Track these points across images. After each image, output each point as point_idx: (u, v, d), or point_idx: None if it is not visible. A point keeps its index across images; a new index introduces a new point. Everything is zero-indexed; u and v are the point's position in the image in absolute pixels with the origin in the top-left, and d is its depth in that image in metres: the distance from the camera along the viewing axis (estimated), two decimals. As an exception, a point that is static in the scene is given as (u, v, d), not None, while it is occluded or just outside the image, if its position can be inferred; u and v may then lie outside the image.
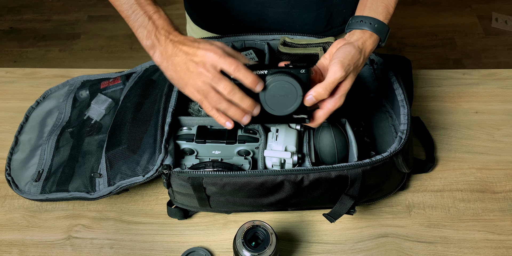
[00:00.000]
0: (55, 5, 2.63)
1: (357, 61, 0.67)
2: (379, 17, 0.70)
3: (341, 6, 0.95)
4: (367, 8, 0.71)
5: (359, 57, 0.68)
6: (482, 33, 2.37)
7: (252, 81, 0.63)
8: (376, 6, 0.70)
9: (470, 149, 0.93)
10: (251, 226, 0.70)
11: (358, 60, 0.67)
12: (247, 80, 0.63)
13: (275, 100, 0.66)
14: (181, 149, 0.79)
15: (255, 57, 0.90)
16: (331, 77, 0.65)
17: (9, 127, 1.00)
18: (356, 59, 0.67)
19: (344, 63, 0.65)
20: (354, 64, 0.67)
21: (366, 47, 0.70)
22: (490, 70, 1.08)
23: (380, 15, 0.70)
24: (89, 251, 0.80)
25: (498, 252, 0.79)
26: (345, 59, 0.66)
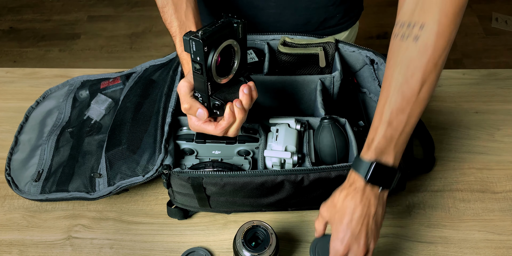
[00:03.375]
0: (55, 5, 2.63)
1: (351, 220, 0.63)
2: (361, 153, 0.64)
3: (335, 10, 0.95)
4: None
5: (338, 194, 0.65)
6: (482, 33, 2.37)
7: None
8: (365, 141, 0.67)
9: (470, 149, 0.93)
10: (251, 226, 0.70)
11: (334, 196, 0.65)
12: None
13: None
14: (181, 149, 0.79)
15: (255, 57, 0.90)
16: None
17: (9, 127, 1.00)
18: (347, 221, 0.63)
19: (336, 240, 0.63)
20: (353, 225, 0.63)
21: (348, 181, 0.65)
22: (490, 70, 1.08)
23: (362, 151, 0.64)
24: (89, 251, 0.80)
25: (498, 252, 0.79)
26: (335, 235, 0.63)
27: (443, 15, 0.58)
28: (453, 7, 0.58)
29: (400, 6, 0.63)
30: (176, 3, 0.72)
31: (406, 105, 0.61)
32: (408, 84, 0.61)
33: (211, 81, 0.62)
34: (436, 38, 0.59)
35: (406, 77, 0.61)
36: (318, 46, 0.86)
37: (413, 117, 0.62)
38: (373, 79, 0.87)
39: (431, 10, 0.59)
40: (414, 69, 0.60)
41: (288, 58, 0.86)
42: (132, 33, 2.44)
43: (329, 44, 0.86)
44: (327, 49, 0.86)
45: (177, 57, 0.90)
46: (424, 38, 0.59)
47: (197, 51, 0.58)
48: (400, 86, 0.61)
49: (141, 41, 2.39)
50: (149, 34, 2.44)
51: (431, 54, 0.59)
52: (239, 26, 0.61)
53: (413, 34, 0.60)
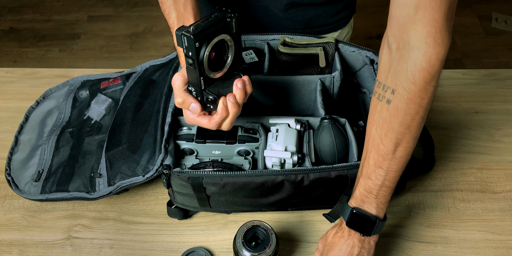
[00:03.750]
0: (55, 5, 2.63)
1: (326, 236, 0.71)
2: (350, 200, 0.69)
3: (319, 10, 0.95)
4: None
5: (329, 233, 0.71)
6: (482, 33, 2.37)
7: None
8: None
9: (470, 149, 0.93)
10: (251, 226, 0.70)
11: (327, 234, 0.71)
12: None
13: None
14: (181, 149, 0.79)
15: (255, 57, 0.90)
16: None
17: (9, 127, 1.00)
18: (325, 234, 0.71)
19: None
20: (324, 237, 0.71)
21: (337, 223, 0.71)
22: (490, 70, 1.08)
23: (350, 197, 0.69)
24: (89, 251, 0.80)
25: (498, 252, 0.79)
26: None
27: (412, 83, 0.57)
28: (421, 77, 0.56)
29: (379, 64, 0.64)
30: None
31: (383, 161, 0.63)
32: (383, 144, 0.62)
33: (203, 75, 0.62)
34: (406, 104, 0.59)
35: (381, 136, 0.62)
36: (318, 46, 0.86)
37: (391, 172, 0.64)
38: (373, 79, 0.87)
39: (400, 78, 0.58)
40: (388, 130, 0.61)
41: (288, 58, 0.86)
42: (132, 33, 2.44)
43: (329, 44, 0.86)
44: (327, 49, 0.86)
45: (177, 58, 0.90)
46: (395, 103, 0.59)
47: (189, 46, 0.58)
48: (377, 144, 0.63)
49: (141, 41, 2.39)
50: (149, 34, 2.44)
51: (403, 118, 0.60)
52: (233, 20, 0.61)
53: (386, 97, 0.61)
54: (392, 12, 0.58)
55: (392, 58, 0.59)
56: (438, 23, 0.54)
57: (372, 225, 0.66)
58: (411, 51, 0.56)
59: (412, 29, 0.55)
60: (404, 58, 0.57)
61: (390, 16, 0.59)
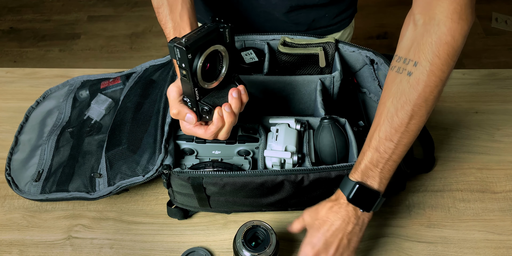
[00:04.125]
0: (55, 5, 2.63)
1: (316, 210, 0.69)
2: (349, 174, 0.68)
3: (322, 12, 0.95)
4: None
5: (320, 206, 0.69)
6: (482, 33, 2.37)
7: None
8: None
9: (470, 149, 0.93)
10: (251, 226, 0.70)
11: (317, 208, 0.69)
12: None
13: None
14: (181, 149, 0.79)
15: (255, 57, 0.90)
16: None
17: (9, 127, 1.00)
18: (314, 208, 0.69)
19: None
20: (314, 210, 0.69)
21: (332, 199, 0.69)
22: (490, 70, 1.08)
23: (350, 172, 0.68)
24: (89, 251, 0.80)
25: (498, 252, 0.79)
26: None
27: (435, 56, 0.60)
28: (445, 50, 0.60)
29: (399, 42, 0.66)
30: (171, 4, 0.72)
31: (395, 134, 0.64)
32: (398, 115, 0.63)
33: (198, 86, 0.62)
34: (428, 76, 0.61)
35: (396, 108, 0.63)
36: (318, 46, 0.86)
37: (401, 146, 0.65)
38: (373, 79, 0.87)
39: (425, 50, 0.61)
40: (405, 102, 0.63)
41: (288, 58, 0.86)
42: (132, 33, 2.44)
43: (329, 44, 0.86)
44: (327, 49, 0.86)
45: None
46: (417, 74, 0.61)
47: (181, 58, 0.58)
48: (391, 116, 0.64)
49: (141, 41, 2.39)
50: (149, 34, 2.44)
51: (422, 90, 0.62)
52: (226, 30, 0.60)
53: (407, 69, 0.62)
54: None
55: (416, 33, 0.62)
56: (463, 1, 0.59)
57: (374, 200, 0.66)
58: (437, 26, 0.60)
59: (438, 6, 0.60)
60: (429, 33, 0.60)
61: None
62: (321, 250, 0.66)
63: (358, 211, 0.67)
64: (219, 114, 0.64)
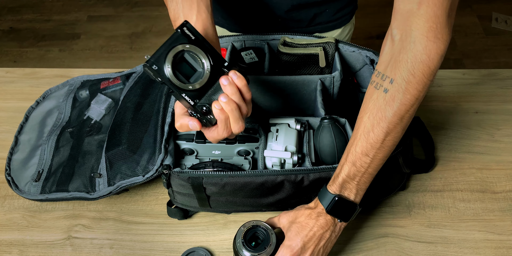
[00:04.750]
0: (55, 5, 2.63)
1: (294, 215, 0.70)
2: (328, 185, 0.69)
3: (323, 7, 0.95)
4: None
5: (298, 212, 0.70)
6: (482, 33, 2.37)
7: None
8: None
9: (470, 149, 0.93)
10: (251, 226, 0.70)
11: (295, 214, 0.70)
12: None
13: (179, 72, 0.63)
14: (181, 149, 0.79)
15: (255, 57, 0.90)
16: None
17: (9, 127, 1.00)
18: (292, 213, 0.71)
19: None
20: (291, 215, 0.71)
21: (309, 206, 0.70)
22: (490, 70, 1.08)
23: (329, 182, 0.69)
24: (89, 251, 0.80)
25: (498, 252, 0.79)
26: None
27: (411, 74, 0.59)
28: (420, 69, 0.59)
29: (380, 56, 0.66)
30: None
31: (371, 149, 0.65)
32: (374, 132, 0.64)
33: (183, 91, 0.61)
34: (403, 94, 0.61)
35: (373, 124, 0.63)
36: (318, 46, 0.86)
37: (376, 160, 0.66)
38: (373, 79, 0.87)
39: (400, 68, 0.60)
40: (380, 119, 0.63)
41: (288, 58, 0.86)
42: (132, 33, 2.44)
43: (329, 44, 0.86)
44: (327, 49, 0.86)
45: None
46: (392, 92, 0.61)
47: (153, 73, 0.58)
48: (367, 132, 0.64)
49: (141, 41, 2.39)
50: (149, 34, 2.44)
51: (397, 108, 0.62)
52: (183, 29, 0.60)
53: (384, 85, 0.62)
54: (396, 6, 0.61)
55: (394, 49, 0.61)
56: (439, 19, 0.57)
57: (352, 211, 0.68)
58: (413, 43, 0.59)
59: (414, 23, 0.58)
60: (406, 50, 0.59)
61: (394, 10, 0.61)
62: (298, 254, 0.67)
63: (336, 220, 0.69)
64: (216, 108, 0.62)
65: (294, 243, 0.67)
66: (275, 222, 0.72)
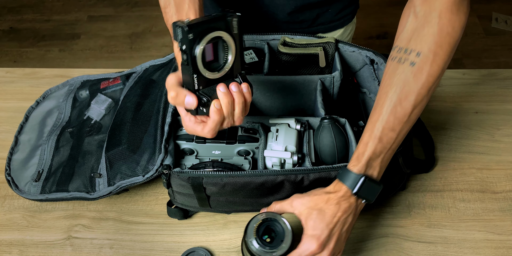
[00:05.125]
0: (55, 5, 2.63)
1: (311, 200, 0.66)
2: (348, 165, 0.66)
3: (325, 8, 0.95)
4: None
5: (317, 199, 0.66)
6: (482, 33, 2.37)
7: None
8: (353, 154, 0.67)
9: (470, 149, 0.93)
10: (262, 220, 0.66)
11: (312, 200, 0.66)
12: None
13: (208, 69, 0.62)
14: (181, 149, 0.79)
15: (255, 57, 0.90)
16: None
17: (9, 127, 1.00)
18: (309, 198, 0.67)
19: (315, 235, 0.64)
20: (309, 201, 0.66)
21: (330, 191, 0.67)
22: (490, 70, 1.08)
23: (350, 163, 0.66)
24: (89, 251, 0.80)
25: (498, 252, 0.79)
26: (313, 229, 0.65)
27: (438, 46, 0.62)
28: (447, 40, 0.63)
29: (398, 33, 0.67)
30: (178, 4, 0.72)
31: (398, 124, 0.64)
32: (402, 106, 0.64)
33: (197, 73, 0.59)
34: (431, 66, 0.63)
35: (400, 99, 0.64)
36: (318, 46, 0.86)
37: (401, 135, 0.66)
38: (373, 79, 0.87)
39: (427, 41, 0.63)
40: (408, 92, 0.63)
41: (288, 58, 0.86)
42: (132, 33, 2.44)
43: (329, 44, 0.86)
44: (327, 49, 0.86)
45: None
46: (420, 64, 0.63)
47: (183, 38, 0.56)
48: (393, 106, 0.64)
49: (141, 41, 2.39)
50: (149, 34, 2.44)
51: (426, 79, 0.63)
52: (233, 19, 0.59)
53: (409, 59, 0.63)
54: None
55: (417, 24, 0.64)
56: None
57: (377, 191, 0.66)
58: (438, 17, 0.62)
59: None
60: (431, 23, 0.63)
61: None
62: (324, 242, 0.64)
63: (359, 202, 0.66)
64: (216, 107, 0.61)
65: (319, 232, 0.64)
66: (286, 208, 0.68)
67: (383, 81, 0.67)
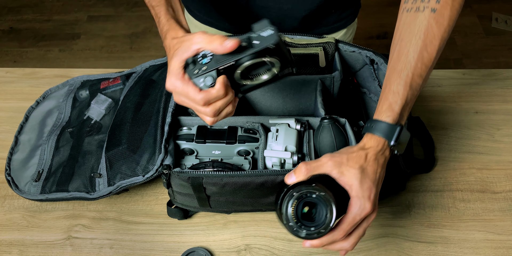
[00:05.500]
0: (55, 5, 2.63)
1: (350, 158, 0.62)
2: (380, 117, 0.64)
3: (331, 7, 0.95)
4: (376, 111, 0.67)
5: (356, 156, 0.62)
6: (482, 33, 2.37)
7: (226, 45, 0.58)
8: (381, 106, 0.65)
9: (470, 149, 0.93)
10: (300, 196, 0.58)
11: (353, 158, 0.62)
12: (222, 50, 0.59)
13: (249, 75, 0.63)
14: (181, 149, 0.79)
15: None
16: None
17: (9, 127, 1.00)
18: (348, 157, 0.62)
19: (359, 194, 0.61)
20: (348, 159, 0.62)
21: (367, 147, 0.64)
22: (490, 70, 1.08)
23: (382, 115, 0.64)
24: (89, 251, 0.80)
25: (498, 252, 0.79)
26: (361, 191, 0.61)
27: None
28: None
29: None
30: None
31: (424, 70, 0.65)
32: (428, 51, 0.65)
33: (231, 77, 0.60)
34: (451, 10, 0.65)
35: (425, 44, 0.65)
36: (318, 46, 0.86)
37: (425, 80, 0.67)
38: (373, 79, 0.87)
39: None
40: (433, 37, 0.65)
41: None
42: (132, 33, 2.44)
43: (329, 44, 0.86)
44: (327, 49, 0.86)
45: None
46: (441, 10, 0.65)
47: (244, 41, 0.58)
48: (420, 52, 0.65)
49: (141, 41, 2.40)
50: (149, 34, 2.44)
51: (447, 24, 0.65)
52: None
53: (429, 6, 0.66)
54: None
55: None
56: None
57: (406, 140, 0.66)
58: None
59: None
60: None
61: None
62: (375, 201, 0.62)
63: (390, 154, 0.65)
64: (225, 82, 0.59)
65: (369, 192, 0.61)
66: (318, 169, 0.62)
67: (399, 33, 0.68)
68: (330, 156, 0.62)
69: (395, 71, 0.65)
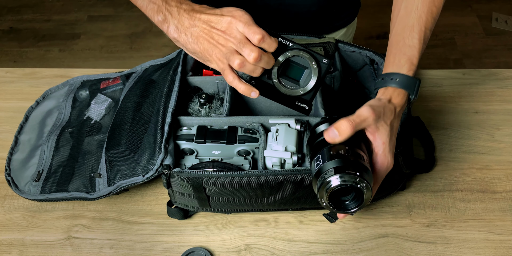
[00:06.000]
0: (55, 5, 2.63)
1: (385, 112, 0.62)
2: (401, 71, 0.65)
3: (331, 6, 0.96)
4: (390, 65, 0.67)
5: (388, 110, 0.62)
6: (482, 33, 2.37)
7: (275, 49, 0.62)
8: (398, 60, 0.66)
9: (470, 149, 0.93)
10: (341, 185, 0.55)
11: (387, 112, 0.62)
12: (272, 49, 0.62)
13: (286, 77, 0.67)
14: (181, 149, 0.79)
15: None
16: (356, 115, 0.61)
17: (9, 127, 1.00)
18: (384, 111, 0.62)
19: (374, 106, 0.61)
20: (384, 114, 0.61)
21: (394, 101, 0.64)
22: (490, 70, 1.08)
23: (402, 68, 0.65)
24: (89, 251, 0.80)
25: (498, 252, 0.79)
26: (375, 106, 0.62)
27: None
28: None
29: None
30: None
31: (433, 23, 0.69)
32: (435, 5, 0.69)
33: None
34: None
35: (433, 0, 0.68)
36: (318, 46, 0.86)
37: (431, 32, 0.69)
38: (373, 79, 0.87)
39: None
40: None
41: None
42: (132, 33, 2.44)
43: (329, 44, 0.86)
44: (327, 49, 0.86)
45: (177, 57, 0.89)
46: None
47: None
48: (429, 7, 0.68)
49: (141, 41, 2.40)
50: (149, 34, 2.44)
51: None
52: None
53: None
54: None
55: None
56: None
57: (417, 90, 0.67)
58: None
59: None
60: None
61: None
62: (393, 152, 0.62)
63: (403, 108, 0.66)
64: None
65: (392, 147, 0.61)
66: (361, 123, 0.60)
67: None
68: (372, 109, 0.60)
69: (406, 26, 0.68)
